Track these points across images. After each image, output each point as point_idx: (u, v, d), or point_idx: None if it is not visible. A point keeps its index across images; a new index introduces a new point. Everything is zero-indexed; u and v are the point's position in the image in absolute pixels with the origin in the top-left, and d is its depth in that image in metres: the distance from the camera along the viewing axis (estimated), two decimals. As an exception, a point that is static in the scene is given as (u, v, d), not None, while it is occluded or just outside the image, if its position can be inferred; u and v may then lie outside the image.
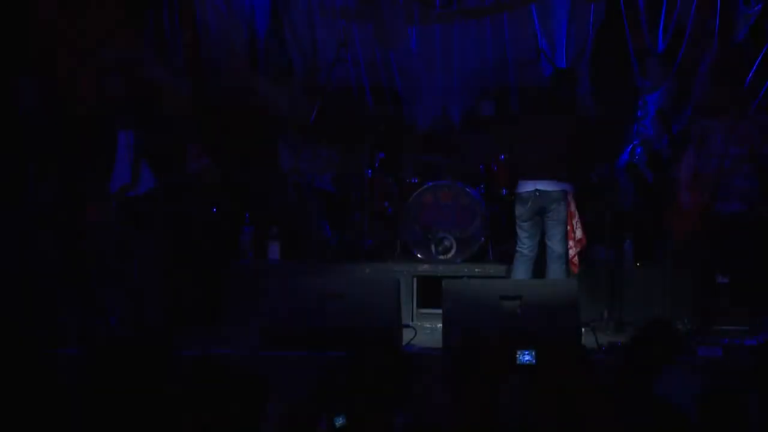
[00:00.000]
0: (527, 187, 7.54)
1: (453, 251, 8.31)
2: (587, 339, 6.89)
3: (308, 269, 8.17)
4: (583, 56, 9.20)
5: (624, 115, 9.10)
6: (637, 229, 8.30)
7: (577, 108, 8.49)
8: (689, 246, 7.23)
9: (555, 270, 7.53)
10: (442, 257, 8.30)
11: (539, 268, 7.69)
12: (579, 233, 7.50)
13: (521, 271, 7.59)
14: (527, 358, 4.97)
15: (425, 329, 7.65)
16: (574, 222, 7.50)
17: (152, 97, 8.33)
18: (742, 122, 6.95)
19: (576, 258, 7.51)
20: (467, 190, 8.42)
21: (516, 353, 4.93)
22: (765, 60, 8.58)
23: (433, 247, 8.31)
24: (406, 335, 7.08)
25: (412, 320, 7.91)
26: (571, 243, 7.50)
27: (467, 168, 8.74)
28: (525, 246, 7.61)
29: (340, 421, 4.08)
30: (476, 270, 8.17)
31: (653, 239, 8.33)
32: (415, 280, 8.16)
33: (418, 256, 8.35)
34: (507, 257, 7.99)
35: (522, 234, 7.62)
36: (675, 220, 7.19)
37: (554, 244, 7.56)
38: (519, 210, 7.62)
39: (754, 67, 8.55)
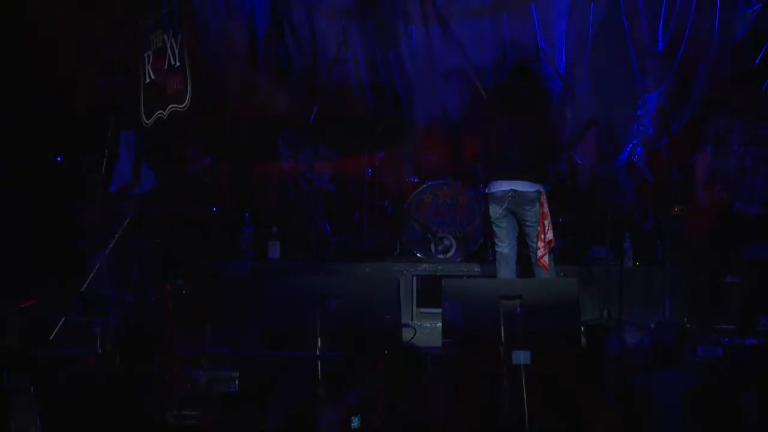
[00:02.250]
0: (502, 186, 7.42)
1: (453, 250, 8.30)
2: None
3: (308, 269, 8.17)
4: (582, 55, 9.19)
5: (624, 114, 9.10)
6: (637, 229, 8.29)
7: (544, 107, 8.41)
8: (705, 244, 7.20)
9: (541, 271, 7.40)
10: (441, 256, 8.29)
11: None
12: (549, 235, 7.35)
13: (506, 272, 7.48)
14: (523, 358, 4.98)
15: (425, 329, 7.65)
16: (545, 223, 7.35)
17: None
18: (763, 123, 6.94)
19: (545, 258, 7.35)
20: (467, 189, 8.42)
21: (511, 354, 4.94)
22: (765, 60, 8.58)
23: (432, 247, 8.30)
24: (406, 335, 7.09)
25: (412, 320, 7.91)
26: (540, 244, 7.36)
27: (466, 167, 8.74)
28: (505, 244, 7.51)
29: (355, 423, 4.06)
30: (476, 269, 8.16)
31: (653, 239, 8.34)
32: (414, 279, 8.16)
33: (418, 255, 8.35)
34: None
35: (500, 233, 7.51)
36: (692, 219, 7.16)
37: (535, 244, 7.41)
38: (494, 210, 7.50)
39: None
